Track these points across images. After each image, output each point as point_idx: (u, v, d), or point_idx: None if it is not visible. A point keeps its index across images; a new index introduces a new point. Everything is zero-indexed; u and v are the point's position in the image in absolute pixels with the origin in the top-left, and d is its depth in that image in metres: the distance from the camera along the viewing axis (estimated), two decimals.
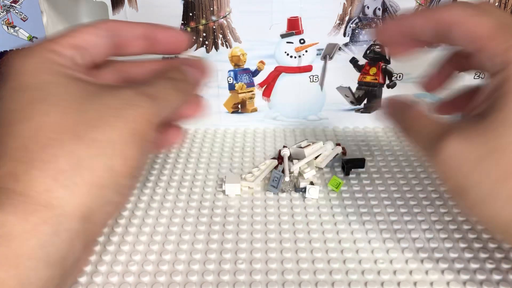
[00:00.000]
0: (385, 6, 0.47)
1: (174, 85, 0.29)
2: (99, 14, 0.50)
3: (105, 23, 0.29)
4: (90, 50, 0.28)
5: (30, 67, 0.26)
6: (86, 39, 0.28)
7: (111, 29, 0.29)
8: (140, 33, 0.30)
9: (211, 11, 0.47)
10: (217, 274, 0.31)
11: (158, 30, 0.30)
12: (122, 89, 0.26)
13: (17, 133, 0.24)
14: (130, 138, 0.25)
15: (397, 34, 0.30)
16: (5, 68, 0.26)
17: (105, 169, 0.24)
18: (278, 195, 0.39)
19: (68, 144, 0.23)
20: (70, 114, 0.24)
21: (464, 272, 0.31)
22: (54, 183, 0.22)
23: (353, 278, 0.30)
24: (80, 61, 0.28)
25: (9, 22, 0.48)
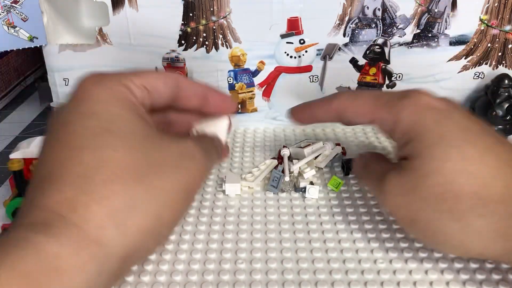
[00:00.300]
0: (384, 6, 0.47)
1: (217, 150, 0.33)
2: (99, 14, 0.50)
3: (173, 75, 0.31)
4: (155, 95, 0.29)
5: (103, 97, 0.26)
6: (154, 85, 0.29)
7: (177, 82, 0.31)
8: (199, 92, 0.32)
9: (211, 11, 0.47)
10: (217, 274, 0.31)
11: (211, 93, 0.33)
12: (182, 139, 0.28)
13: (83, 160, 0.24)
14: (183, 191, 0.26)
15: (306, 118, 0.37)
16: (79, 92, 0.27)
17: (154, 217, 0.24)
18: (278, 195, 0.39)
19: (128, 184, 0.24)
20: (135, 154, 0.25)
21: (463, 271, 0.31)
22: (108, 221, 0.23)
23: (353, 277, 0.30)
24: (146, 102, 0.29)
25: (10, 22, 0.48)
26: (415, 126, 0.29)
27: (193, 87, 0.32)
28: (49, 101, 0.53)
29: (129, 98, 0.27)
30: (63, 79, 0.51)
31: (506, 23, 0.47)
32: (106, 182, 0.23)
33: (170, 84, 0.30)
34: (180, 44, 0.49)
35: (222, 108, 0.34)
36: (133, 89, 0.28)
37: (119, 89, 0.27)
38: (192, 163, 0.27)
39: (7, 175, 0.45)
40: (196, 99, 0.32)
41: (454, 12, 0.47)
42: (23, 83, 0.68)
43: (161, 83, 0.30)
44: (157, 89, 0.29)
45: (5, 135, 0.55)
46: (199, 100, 0.32)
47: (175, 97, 0.31)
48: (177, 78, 0.31)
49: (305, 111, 0.36)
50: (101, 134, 0.25)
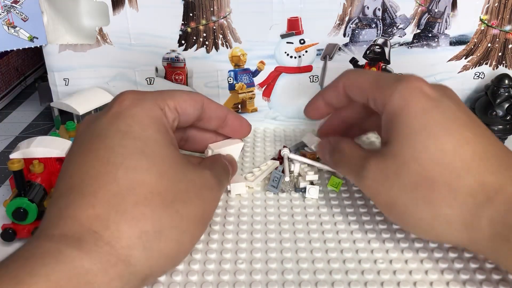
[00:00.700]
0: (385, 7, 0.47)
1: (227, 173, 0.35)
2: (99, 14, 0.50)
3: (201, 97, 0.33)
4: (184, 117, 0.32)
5: (141, 118, 0.28)
6: (184, 108, 0.31)
7: (202, 103, 0.33)
8: (220, 114, 0.35)
9: (211, 11, 0.47)
10: (217, 274, 0.31)
11: (231, 116, 0.36)
12: (203, 170, 0.30)
13: (118, 178, 0.25)
14: (201, 219, 0.28)
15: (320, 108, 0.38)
16: (117, 107, 0.28)
17: (177, 242, 0.26)
18: (278, 195, 0.39)
19: (157, 208, 0.25)
20: (165, 180, 0.26)
21: (464, 272, 0.31)
22: (136, 242, 0.24)
23: (353, 278, 0.30)
24: (175, 124, 0.31)
25: (10, 22, 0.48)
26: (402, 112, 0.30)
27: (216, 109, 0.34)
28: (49, 101, 0.53)
29: (163, 121, 0.29)
30: (63, 79, 0.51)
31: (506, 23, 0.47)
32: (138, 204, 0.24)
33: (197, 107, 0.32)
34: (180, 44, 0.49)
35: (239, 132, 0.37)
36: (166, 112, 0.30)
37: (155, 111, 0.29)
38: (210, 193, 0.29)
39: (7, 175, 0.45)
40: (216, 121, 0.35)
41: (454, 12, 0.47)
42: (23, 83, 0.68)
43: (190, 106, 0.32)
44: (186, 111, 0.31)
45: (5, 135, 0.55)
46: (219, 122, 0.35)
47: (199, 118, 0.33)
48: (203, 100, 0.33)
49: (317, 101, 0.38)
50: (136, 155, 0.26)
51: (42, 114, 0.60)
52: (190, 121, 0.33)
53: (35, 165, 0.37)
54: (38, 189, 0.36)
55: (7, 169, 0.36)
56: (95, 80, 0.51)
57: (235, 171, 0.37)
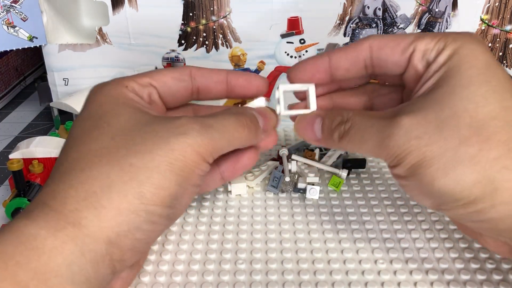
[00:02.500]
0: (385, 6, 0.47)
1: (238, 118, 0.28)
2: (99, 14, 0.50)
3: (185, 68, 0.30)
4: (164, 89, 0.30)
5: (100, 99, 0.27)
6: (164, 81, 0.29)
7: (189, 73, 0.30)
8: (218, 79, 0.31)
9: (211, 11, 0.47)
10: (217, 274, 0.31)
11: (232, 77, 0.31)
12: (177, 118, 0.26)
13: (69, 157, 0.25)
14: (169, 167, 0.24)
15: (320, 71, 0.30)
16: (85, 101, 0.28)
17: (135, 196, 0.24)
18: (278, 195, 0.39)
19: (105, 167, 0.24)
20: (116, 140, 0.25)
21: (464, 272, 0.30)
22: (83, 204, 0.23)
23: (353, 278, 0.30)
24: (154, 97, 0.29)
25: (9, 22, 0.48)
26: (465, 61, 0.26)
27: (210, 74, 0.31)
28: (49, 101, 0.53)
29: (126, 95, 0.28)
30: (63, 79, 0.51)
31: (507, 23, 0.47)
32: (84, 170, 0.24)
33: (182, 77, 0.30)
34: (180, 44, 0.49)
35: (250, 89, 0.32)
36: (133, 87, 0.28)
37: (116, 89, 0.28)
38: (178, 139, 0.25)
39: (7, 175, 0.45)
40: (217, 87, 0.31)
41: (455, 11, 0.47)
42: (22, 83, 0.68)
43: (169, 78, 0.30)
44: (165, 83, 0.30)
45: (4, 135, 0.55)
46: (221, 87, 0.31)
47: (195, 90, 0.31)
48: (190, 69, 0.30)
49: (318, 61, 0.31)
50: (88, 131, 0.26)
51: (42, 114, 0.60)
52: (180, 93, 0.30)
53: (34, 165, 0.37)
54: (37, 189, 0.36)
55: (7, 169, 0.36)
56: (95, 80, 0.51)
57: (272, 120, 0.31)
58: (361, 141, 0.28)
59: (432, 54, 0.27)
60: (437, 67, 0.27)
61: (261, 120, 0.30)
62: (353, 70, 0.30)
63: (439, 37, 0.27)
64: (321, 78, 0.31)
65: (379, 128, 0.26)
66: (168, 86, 0.30)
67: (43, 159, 0.37)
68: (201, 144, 0.25)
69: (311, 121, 0.30)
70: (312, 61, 0.31)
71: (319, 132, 0.30)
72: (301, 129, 0.31)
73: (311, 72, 0.31)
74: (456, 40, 0.27)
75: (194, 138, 0.25)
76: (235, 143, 0.28)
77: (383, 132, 0.26)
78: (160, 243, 0.34)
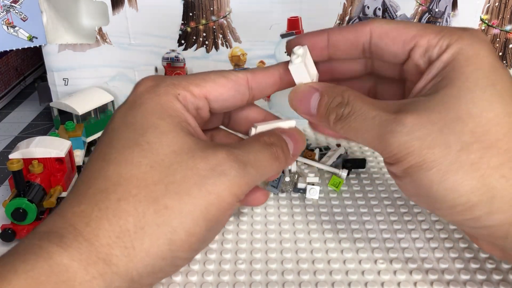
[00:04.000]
0: (385, 6, 0.47)
1: (271, 152, 0.27)
2: (99, 14, 0.50)
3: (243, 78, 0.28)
4: (217, 103, 0.28)
5: (148, 104, 0.26)
6: (221, 92, 0.28)
7: (246, 81, 0.28)
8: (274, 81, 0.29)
9: (211, 11, 0.47)
10: (217, 274, 0.31)
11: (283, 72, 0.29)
12: (216, 151, 0.25)
13: (107, 174, 0.24)
14: (202, 213, 0.24)
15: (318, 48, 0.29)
16: (132, 96, 0.26)
17: (166, 242, 0.23)
18: (278, 195, 0.39)
19: (141, 205, 0.23)
20: (157, 171, 0.24)
21: (464, 272, 0.30)
22: (116, 241, 0.22)
23: (353, 278, 0.30)
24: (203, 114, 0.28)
25: (9, 22, 0.48)
26: (469, 62, 0.25)
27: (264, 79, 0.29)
28: (49, 101, 0.53)
29: (174, 107, 0.26)
30: (63, 79, 0.51)
31: (507, 23, 0.47)
32: (121, 201, 0.23)
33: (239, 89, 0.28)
34: (180, 44, 0.49)
35: None
36: (186, 96, 0.27)
37: (166, 97, 0.26)
38: (219, 181, 0.24)
39: (7, 175, 0.45)
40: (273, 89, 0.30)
41: (455, 11, 0.47)
42: (22, 83, 0.68)
43: (225, 89, 0.28)
44: (221, 95, 0.28)
45: (4, 135, 0.55)
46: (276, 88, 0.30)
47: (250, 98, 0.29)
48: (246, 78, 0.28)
49: (317, 36, 0.29)
50: (130, 148, 0.24)
51: (42, 114, 0.60)
52: (234, 105, 0.29)
53: (34, 165, 0.37)
54: (37, 190, 0.36)
55: (7, 169, 0.36)
56: (95, 80, 0.51)
57: (302, 145, 0.29)
58: (359, 130, 0.26)
59: (434, 51, 0.26)
60: (441, 66, 0.26)
61: (292, 146, 0.29)
62: (351, 53, 0.29)
63: (443, 34, 0.26)
64: (317, 55, 0.30)
65: (381, 122, 0.25)
66: (224, 98, 0.28)
67: (43, 159, 0.37)
68: (238, 184, 0.25)
69: (309, 93, 0.28)
70: (311, 37, 0.29)
71: (314, 108, 0.28)
72: (295, 99, 0.29)
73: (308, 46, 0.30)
74: (461, 38, 0.26)
75: (233, 179, 0.24)
76: (268, 175, 0.28)
77: (385, 127, 0.25)
78: None
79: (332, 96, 0.27)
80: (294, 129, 0.29)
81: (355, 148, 0.47)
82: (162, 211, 0.23)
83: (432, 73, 0.26)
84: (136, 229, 0.23)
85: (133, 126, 0.25)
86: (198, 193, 0.24)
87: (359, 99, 0.27)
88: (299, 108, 0.29)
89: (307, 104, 0.28)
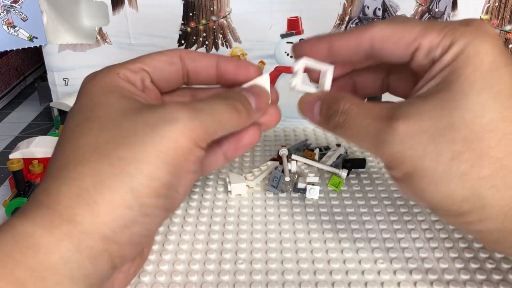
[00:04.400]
0: (385, 6, 0.47)
1: (228, 102, 0.27)
2: (99, 14, 0.50)
3: (174, 51, 0.29)
4: (156, 73, 0.29)
5: (91, 90, 0.27)
6: (155, 65, 0.29)
7: (178, 56, 0.29)
8: (208, 63, 0.30)
9: (211, 11, 0.47)
10: (217, 274, 0.31)
11: (222, 61, 0.30)
12: (166, 105, 0.25)
13: (62, 152, 0.25)
14: (159, 157, 0.24)
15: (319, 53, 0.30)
16: (78, 93, 0.28)
17: (126, 190, 0.23)
18: (278, 195, 0.39)
19: (95, 163, 0.23)
20: (106, 133, 0.24)
21: (464, 272, 0.31)
22: (76, 200, 0.23)
23: (353, 278, 0.30)
24: (147, 83, 0.29)
25: (9, 22, 0.48)
26: (468, 63, 0.24)
27: (200, 58, 0.30)
28: (49, 101, 0.53)
29: (116, 83, 0.27)
30: (63, 79, 0.51)
31: (507, 23, 0.47)
32: (76, 166, 0.23)
33: (171, 60, 0.29)
34: (180, 44, 0.49)
35: (239, 75, 0.30)
36: (126, 73, 0.28)
37: (108, 78, 0.27)
38: (169, 126, 0.24)
39: (7, 175, 0.45)
40: (207, 72, 0.30)
41: (455, 12, 0.47)
42: (22, 83, 0.68)
43: (159, 61, 0.29)
44: (156, 67, 0.29)
45: (4, 135, 0.55)
46: (211, 72, 0.30)
47: (185, 73, 0.30)
48: (179, 52, 0.29)
49: (319, 44, 0.30)
50: (80, 125, 0.25)
51: (42, 114, 0.60)
52: (173, 77, 0.29)
53: (34, 165, 0.37)
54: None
55: (7, 169, 0.36)
56: None
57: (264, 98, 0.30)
58: (356, 137, 0.27)
59: (437, 52, 0.25)
60: (441, 67, 0.25)
61: (253, 100, 0.29)
62: (353, 58, 0.29)
63: (446, 31, 0.25)
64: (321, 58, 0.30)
65: (375, 131, 0.26)
66: (160, 70, 0.29)
67: (43, 159, 0.37)
68: (191, 128, 0.24)
69: (312, 103, 0.30)
70: (312, 45, 0.30)
71: (318, 115, 0.29)
72: (302, 109, 0.31)
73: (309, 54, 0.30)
74: (464, 35, 0.25)
75: (184, 123, 0.24)
76: (227, 127, 0.27)
77: (378, 136, 0.26)
78: (160, 243, 0.34)
79: (329, 104, 0.28)
80: (255, 85, 0.30)
81: (355, 148, 0.47)
82: (117, 162, 0.23)
83: (432, 74, 0.26)
84: (95, 185, 0.23)
85: (81, 109, 0.26)
86: (150, 140, 0.24)
87: (355, 106, 0.27)
88: (306, 116, 0.31)
89: (311, 112, 0.30)
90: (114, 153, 0.24)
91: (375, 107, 0.27)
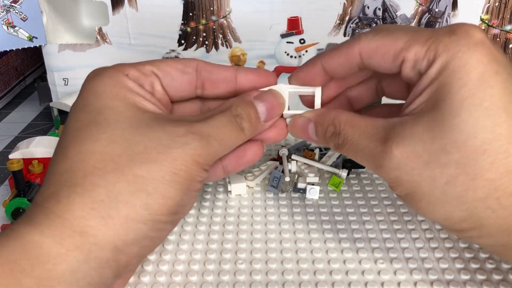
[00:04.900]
0: (385, 6, 0.47)
1: (234, 123, 0.28)
2: (99, 14, 0.50)
3: (192, 61, 0.29)
4: (168, 80, 0.29)
5: (98, 87, 0.26)
6: (168, 71, 0.28)
7: (196, 67, 0.29)
8: (225, 75, 0.30)
9: (211, 11, 0.47)
10: (217, 274, 0.31)
11: (241, 73, 0.30)
12: (177, 124, 0.26)
13: (66, 155, 0.24)
14: (173, 178, 0.24)
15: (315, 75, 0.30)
16: (81, 87, 0.27)
17: (143, 207, 0.24)
18: (278, 195, 0.39)
19: (110, 176, 0.24)
20: (118, 144, 0.24)
21: (464, 272, 0.30)
22: (90, 212, 0.23)
23: (353, 278, 0.30)
24: (157, 88, 0.28)
25: (9, 22, 0.48)
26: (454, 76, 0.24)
27: (218, 70, 0.30)
28: (49, 101, 0.53)
29: (125, 85, 0.27)
30: (63, 79, 0.51)
31: (507, 23, 0.47)
32: (87, 175, 0.23)
33: (187, 70, 0.29)
34: (180, 44, 0.49)
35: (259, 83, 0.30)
36: (135, 75, 0.27)
37: (117, 78, 0.27)
38: (180, 150, 0.25)
39: (7, 175, 0.45)
40: (225, 84, 0.30)
41: (455, 11, 0.47)
42: (22, 83, 0.68)
43: (173, 68, 0.29)
44: (169, 73, 0.28)
45: (4, 135, 0.55)
46: (228, 85, 0.30)
47: (199, 84, 0.30)
48: (196, 62, 0.29)
49: (313, 68, 0.30)
50: (86, 127, 0.25)
51: (42, 114, 0.60)
52: (184, 87, 0.29)
53: (34, 165, 0.37)
54: (37, 190, 0.36)
55: (7, 169, 0.36)
56: None
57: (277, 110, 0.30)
58: (357, 159, 0.28)
59: (423, 64, 0.25)
60: (428, 81, 0.25)
61: (264, 110, 0.29)
62: (349, 72, 0.29)
63: (430, 43, 0.25)
64: (320, 82, 0.30)
65: (371, 155, 0.26)
66: (171, 76, 0.29)
67: (43, 159, 0.37)
68: (201, 154, 0.25)
69: (304, 125, 0.30)
70: (306, 72, 0.30)
71: (314, 136, 0.30)
72: (295, 132, 0.31)
73: (307, 80, 0.31)
74: (448, 47, 0.24)
75: (195, 149, 0.25)
76: (232, 147, 0.28)
77: (375, 160, 0.26)
78: None
79: (325, 126, 0.29)
80: (270, 91, 0.30)
81: None
82: (134, 180, 0.24)
83: (421, 88, 0.25)
84: (110, 198, 0.23)
85: (88, 108, 0.26)
86: (164, 161, 0.24)
87: (349, 126, 0.27)
88: (301, 137, 0.31)
89: (306, 134, 0.30)
90: (129, 170, 0.24)
91: (369, 126, 0.27)
